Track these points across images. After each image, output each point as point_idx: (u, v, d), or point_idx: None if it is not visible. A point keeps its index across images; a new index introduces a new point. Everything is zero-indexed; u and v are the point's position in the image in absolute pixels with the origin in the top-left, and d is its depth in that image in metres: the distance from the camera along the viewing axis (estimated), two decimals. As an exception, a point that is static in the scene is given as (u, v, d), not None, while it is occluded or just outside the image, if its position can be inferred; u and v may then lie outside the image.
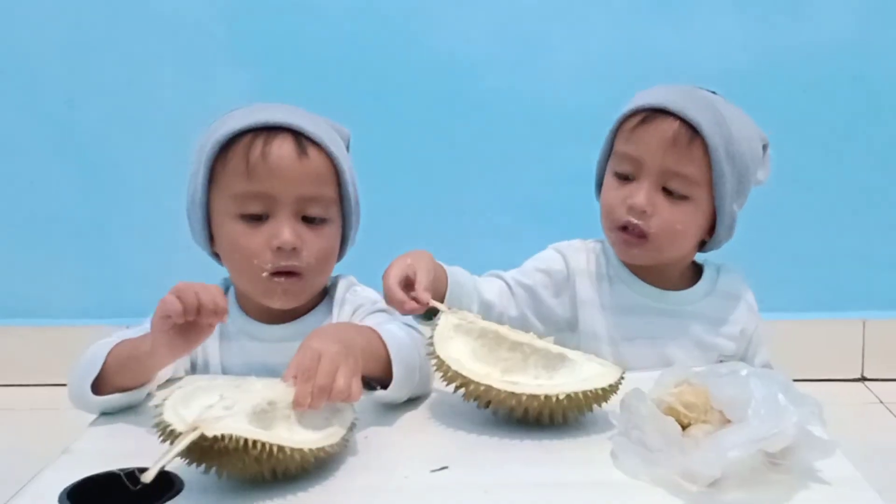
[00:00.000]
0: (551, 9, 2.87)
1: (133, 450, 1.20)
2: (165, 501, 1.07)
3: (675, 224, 1.59)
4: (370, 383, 1.34)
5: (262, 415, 1.15)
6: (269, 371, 1.31)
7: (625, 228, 1.60)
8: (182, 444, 1.07)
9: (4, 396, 2.94)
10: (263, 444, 1.08)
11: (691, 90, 1.63)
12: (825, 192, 2.95)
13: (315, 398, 1.16)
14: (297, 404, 1.16)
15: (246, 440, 1.08)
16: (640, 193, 1.57)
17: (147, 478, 1.03)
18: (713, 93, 1.64)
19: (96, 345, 1.39)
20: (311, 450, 1.12)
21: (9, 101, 2.93)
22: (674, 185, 1.58)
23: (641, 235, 1.59)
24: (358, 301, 1.58)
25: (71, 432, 1.27)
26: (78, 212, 2.98)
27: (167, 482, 1.10)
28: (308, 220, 1.48)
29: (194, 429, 1.07)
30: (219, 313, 1.26)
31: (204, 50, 2.88)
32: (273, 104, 1.55)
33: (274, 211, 1.46)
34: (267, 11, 2.87)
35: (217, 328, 1.46)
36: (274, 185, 1.46)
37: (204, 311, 1.25)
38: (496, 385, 1.25)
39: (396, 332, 1.39)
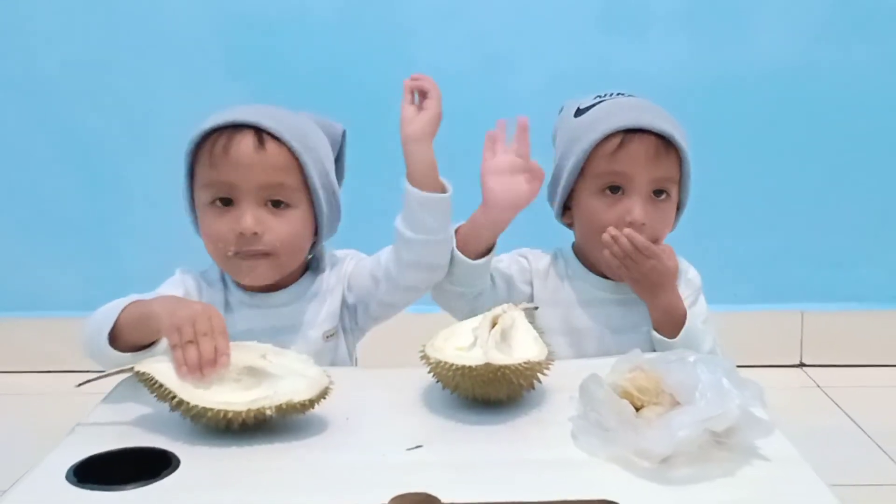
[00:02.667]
0: (518, 29, 2.88)
1: (137, 429, 1.21)
2: (164, 477, 1.07)
3: (665, 227, 1.63)
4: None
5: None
6: (267, 332, 1.38)
7: None
8: (114, 370, 1.26)
9: (15, 382, 2.93)
10: (166, 388, 1.18)
11: (644, 104, 1.65)
12: (768, 198, 2.97)
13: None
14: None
15: (152, 378, 1.19)
16: (637, 208, 1.57)
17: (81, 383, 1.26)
18: (629, 95, 1.69)
19: (111, 303, 1.41)
20: (217, 409, 1.15)
21: (21, 111, 2.92)
22: (659, 190, 1.60)
23: None
24: (342, 258, 1.66)
25: (77, 414, 1.26)
26: (83, 214, 2.98)
27: (165, 460, 1.11)
28: (274, 206, 1.51)
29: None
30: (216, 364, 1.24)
31: (200, 64, 2.88)
32: (246, 105, 1.58)
33: (238, 199, 1.49)
34: (258, 29, 2.87)
35: (222, 301, 1.56)
36: (235, 175, 1.49)
37: (204, 362, 1.23)
38: (429, 352, 1.29)
39: None
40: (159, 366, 1.22)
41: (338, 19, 2.86)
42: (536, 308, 1.54)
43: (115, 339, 1.36)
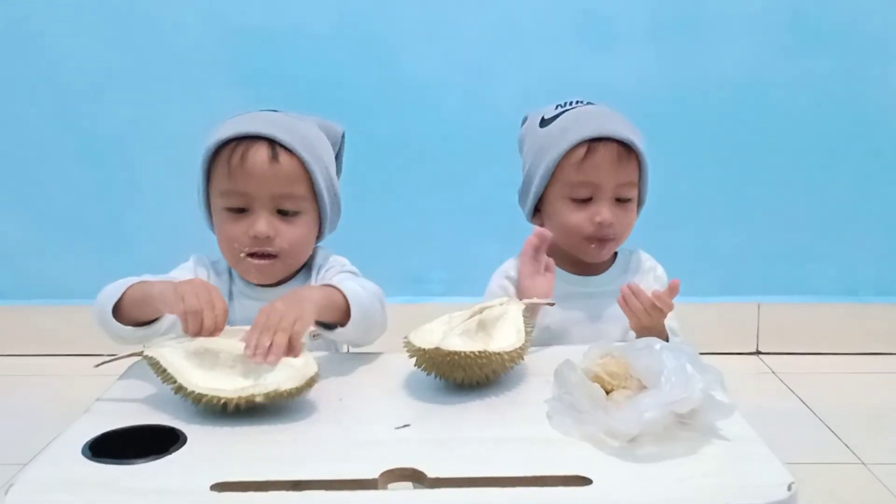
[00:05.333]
0: (498, 43, 2.87)
1: (147, 407, 1.21)
2: (172, 452, 1.07)
3: (630, 223, 1.65)
4: (330, 325, 1.40)
5: (203, 355, 1.22)
6: None
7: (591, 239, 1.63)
8: (126, 353, 1.27)
9: (36, 363, 2.91)
10: (169, 374, 1.18)
11: (605, 112, 1.66)
12: (728, 198, 2.97)
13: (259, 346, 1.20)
14: (249, 355, 1.21)
15: (158, 363, 1.19)
16: (605, 211, 1.61)
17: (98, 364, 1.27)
18: (588, 102, 1.70)
19: (121, 280, 1.42)
20: (210, 395, 1.15)
21: (41, 113, 2.90)
22: (623, 194, 1.62)
23: (609, 239, 1.63)
24: (330, 265, 1.62)
25: (93, 394, 1.26)
26: (99, 209, 2.97)
27: (173, 437, 1.11)
28: (283, 213, 1.52)
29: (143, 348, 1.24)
30: (213, 333, 1.26)
31: (205, 71, 2.87)
32: (259, 113, 1.58)
33: (252, 206, 1.50)
34: (259, 41, 2.86)
35: (226, 290, 1.57)
36: (250, 185, 1.50)
37: (204, 329, 1.26)
38: (412, 339, 1.28)
39: (354, 286, 1.42)
40: (165, 351, 1.22)
41: (332, 33, 2.85)
42: (552, 304, 1.55)
43: (119, 313, 1.38)
